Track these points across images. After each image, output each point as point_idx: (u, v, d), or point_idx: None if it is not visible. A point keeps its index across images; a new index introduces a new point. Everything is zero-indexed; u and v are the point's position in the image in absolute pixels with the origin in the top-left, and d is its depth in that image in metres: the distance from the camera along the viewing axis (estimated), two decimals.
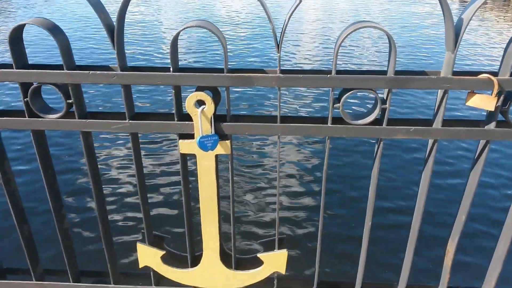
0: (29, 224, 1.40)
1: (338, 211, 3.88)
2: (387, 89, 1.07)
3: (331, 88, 1.07)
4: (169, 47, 1.06)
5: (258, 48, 9.44)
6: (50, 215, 1.33)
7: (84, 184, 4.22)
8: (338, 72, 1.05)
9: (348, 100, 1.17)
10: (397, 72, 1.05)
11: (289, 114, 4.88)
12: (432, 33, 10.97)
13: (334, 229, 3.58)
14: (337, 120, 1.13)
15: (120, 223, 3.63)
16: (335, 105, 1.08)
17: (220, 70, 1.08)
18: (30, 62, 1.13)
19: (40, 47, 8.84)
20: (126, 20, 1.09)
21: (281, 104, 1.10)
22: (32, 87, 1.11)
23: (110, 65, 1.11)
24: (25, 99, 1.13)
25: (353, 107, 5.64)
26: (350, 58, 8.72)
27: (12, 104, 6.16)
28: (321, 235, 1.31)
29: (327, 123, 1.12)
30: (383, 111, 1.10)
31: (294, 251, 3.29)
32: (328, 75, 1.04)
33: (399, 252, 1.47)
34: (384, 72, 1.06)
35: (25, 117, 1.16)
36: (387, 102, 1.08)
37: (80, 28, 10.80)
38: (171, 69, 1.08)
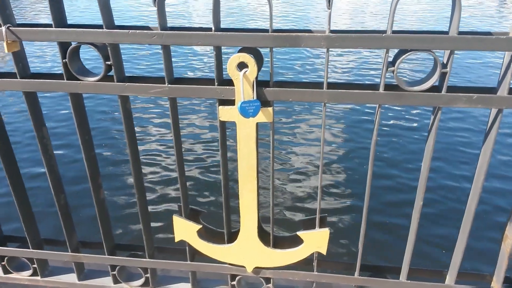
0: (66, 194, 1.39)
1: (385, 193, 3.66)
2: (448, 51, 0.97)
3: (385, 50, 0.98)
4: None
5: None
6: (86, 184, 1.31)
7: (119, 153, 4.21)
8: (394, 32, 0.96)
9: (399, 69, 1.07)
10: (460, 33, 0.94)
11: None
12: None
13: (378, 215, 3.40)
14: (390, 87, 1.04)
15: (156, 195, 3.58)
16: (389, 69, 0.99)
17: (264, 31, 1.01)
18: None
19: None
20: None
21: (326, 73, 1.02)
22: (71, 47, 1.09)
23: (150, 26, 1.07)
24: (64, 60, 1.11)
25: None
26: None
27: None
28: (366, 216, 1.22)
29: (378, 90, 1.03)
30: (442, 76, 1.00)
31: (333, 232, 3.19)
32: (383, 34, 0.95)
33: (449, 236, 1.36)
34: (444, 33, 0.96)
35: (64, 79, 1.13)
36: (448, 66, 0.98)
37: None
38: (212, 28, 1.02)
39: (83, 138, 1.23)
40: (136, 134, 1.26)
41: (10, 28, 1.07)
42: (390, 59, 1.01)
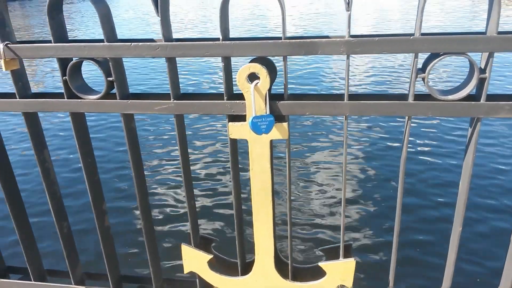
0: (69, 221, 1.30)
1: (417, 212, 3.32)
2: (486, 54, 0.86)
3: (413, 54, 0.87)
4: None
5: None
6: (89, 211, 1.21)
7: (124, 174, 4.05)
8: (423, 34, 0.85)
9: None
10: (499, 33, 0.83)
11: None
12: None
13: (410, 235, 3.08)
14: (420, 96, 0.92)
15: (164, 222, 3.34)
16: (419, 75, 0.88)
17: (277, 39, 0.92)
18: None
19: None
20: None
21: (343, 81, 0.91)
22: (71, 63, 1.02)
23: (154, 38, 0.99)
24: (64, 78, 1.04)
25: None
26: None
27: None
28: (397, 240, 1.08)
29: (407, 100, 0.91)
30: (480, 83, 0.88)
31: (360, 261, 2.89)
32: (411, 37, 0.84)
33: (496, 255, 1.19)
34: (481, 34, 0.85)
35: (64, 98, 1.06)
36: (487, 71, 0.86)
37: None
38: (220, 38, 0.93)
39: (86, 161, 1.15)
40: (141, 151, 1.17)
41: (8, 45, 1.02)
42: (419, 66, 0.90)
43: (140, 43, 0.96)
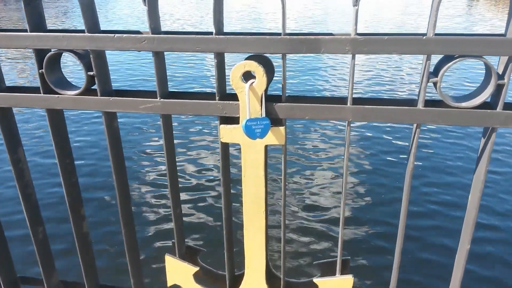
0: (45, 226, 1.20)
1: (422, 226, 3.15)
2: (505, 58, 0.78)
3: (425, 56, 0.79)
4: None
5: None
6: (66, 216, 1.12)
7: (104, 179, 3.80)
8: (437, 34, 0.77)
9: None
10: None
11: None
12: None
13: (415, 251, 2.93)
14: (430, 103, 0.84)
15: (147, 230, 3.13)
16: (430, 80, 0.80)
17: (276, 35, 0.84)
18: None
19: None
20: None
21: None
22: (49, 54, 0.92)
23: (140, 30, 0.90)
24: (40, 71, 0.94)
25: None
26: None
27: None
28: (399, 261, 1.00)
29: (416, 106, 0.83)
30: (497, 89, 0.80)
31: (357, 280, 2.76)
32: (424, 37, 0.76)
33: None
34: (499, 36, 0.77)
35: (40, 93, 0.97)
36: (506, 77, 0.78)
37: None
38: (213, 32, 0.85)
39: (63, 162, 1.06)
40: (125, 154, 1.08)
41: None
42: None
43: (124, 35, 0.87)
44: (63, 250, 2.77)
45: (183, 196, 3.54)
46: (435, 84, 0.80)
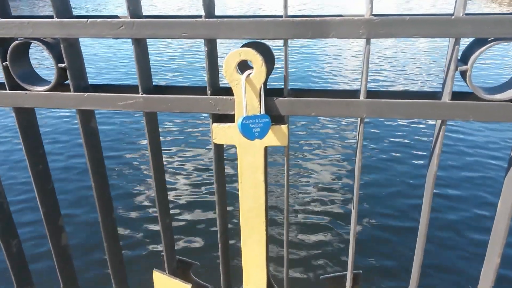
0: (19, 238, 1.07)
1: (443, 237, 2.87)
2: None
3: (453, 40, 0.67)
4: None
5: None
6: (42, 226, 0.99)
7: (85, 185, 3.44)
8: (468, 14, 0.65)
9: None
10: None
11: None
12: None
13: (435, 259, 2.72)
14: (457, 95, 0.72)
15: (133, 243, 2.79)
16: (459, 68, 0.68)
17: (276, 18, 0.71)
18: None
19: None
20: None
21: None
22: (13, 43, 0.79)
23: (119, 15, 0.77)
24: (4, 63, 0.81)
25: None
26: None
27: None
28: (418, 275, 0.88)
29: (441, 99, 0.71)
30: None
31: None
32: (453, 17, 0.64)
33: None
34: None
35: (5, 90, 0.84)
36: None
37: None
38: (203, 15, 0.72)
39: (35, 167, 0.93)
40: (104, 158, 0.95)
41: None
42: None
43: (99, 19, 0.75)
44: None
45: (173, 203, 3.24)
46: (463, 73, 0.68)
